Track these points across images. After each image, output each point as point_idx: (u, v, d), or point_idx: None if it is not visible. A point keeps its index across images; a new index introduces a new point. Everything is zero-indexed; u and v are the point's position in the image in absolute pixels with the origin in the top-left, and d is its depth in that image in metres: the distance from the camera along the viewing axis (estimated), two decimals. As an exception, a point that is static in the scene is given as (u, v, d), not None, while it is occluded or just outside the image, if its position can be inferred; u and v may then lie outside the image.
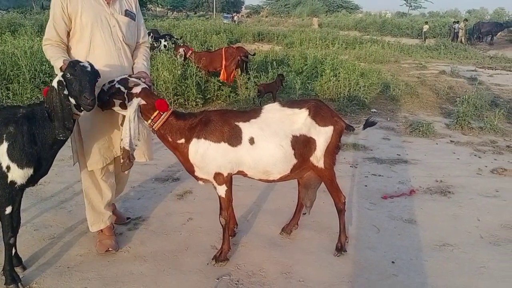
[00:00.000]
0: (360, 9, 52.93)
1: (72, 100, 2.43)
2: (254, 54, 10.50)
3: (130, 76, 2.71)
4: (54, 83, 2.43)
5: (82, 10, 2.75)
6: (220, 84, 8.03)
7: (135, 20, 2.98)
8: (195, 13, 47.60)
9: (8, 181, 2.44)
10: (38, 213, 3.56)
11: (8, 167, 2.41)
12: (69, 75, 2.39)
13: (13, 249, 2.64)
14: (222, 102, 7.90)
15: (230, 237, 2.99)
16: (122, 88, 2.60)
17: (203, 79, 7.90)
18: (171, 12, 46.86)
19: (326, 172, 2.91)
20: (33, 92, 6.73)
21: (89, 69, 2.44)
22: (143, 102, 2.63)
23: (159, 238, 3.26)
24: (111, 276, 2.77)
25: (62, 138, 2.50)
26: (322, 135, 2.82)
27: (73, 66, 2.40)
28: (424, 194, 4.23)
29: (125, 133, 2.60)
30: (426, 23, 26.47)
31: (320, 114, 2.82)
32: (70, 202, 3.82)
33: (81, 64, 2.43)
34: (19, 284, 2.61)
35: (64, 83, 2.40)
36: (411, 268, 2.97)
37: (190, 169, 2.82)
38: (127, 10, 2.92)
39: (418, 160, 5.25)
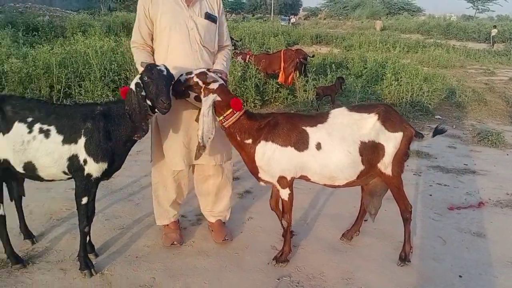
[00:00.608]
0: (423, 11, 50.99)
1: (148, 102, 2.53)
2: (313, 56, 10.46)
3: (208, 70, 2.71)
4: (132, 85, 2.53)
5: (161, 13, 2.83)
6: (278, 86, 8.08)
7: (216, 23, 2.96)
8: (253, 15, 48.08)
9: (85, 174, 2.60)
10: (109, 204, 3.77)
11: (85, 161, 2.57)
12: (146, 78, 2.48)
13: (87, 237, 2.81)
14: (280, 104, 7.94)
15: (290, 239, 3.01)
16: (200, 83, 2.62)
17: (262, 81, 7.98)
18: (229, 14, 47.67)
19: (393, 180, 2.84)
20: (103, 90, 7.09)
21: (165, 73, 2.51)
22: (218, 98, 2.64)
23: (221, 235, 3.33)
24: (176, 269, 2.87)
25: (136, 138, 2.62)
26: (391, 141, 2.75)
27: (150, 69, 2.49)
28: (494, 207, 4.01)
29: (200, 126, 2.62)
30: (495, 27, 25.09)
31: (389, 119, 2.76)
32: (138, 195, 4.00)
33: (158, 68, 2.51)
34: (92, 270, 2.76)
35: (142, 85, 2.50)
36: (479, 284, 2.83)
37: (254, 170, 2.85)
38: (207, 12, 2.90)
39: (487, 171, 4.99)
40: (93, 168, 2.58)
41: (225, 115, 2.70)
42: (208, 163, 3.05)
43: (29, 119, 2.57)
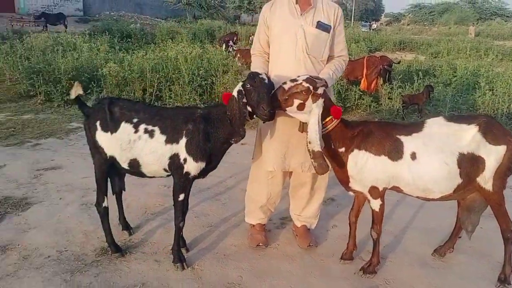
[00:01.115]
0: (518, 16, 47.10)
1: (249, 109, 2.60)
2: (399, 62, 10.11)
3: (311, 76, 2.62)
4: (235, 92, 2.62)
5: (276, 21, 2.91)
6: (361, 93, 7.91)
7: (328, 32, 2.89)
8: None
9: (184, 172, 2.74)
10: (197, 202, 3.94)
11: (185, 160, 2.72)
12: (248, 86, 2.56)
13: (181, 232, 2.95)
14: (362, 112, 7.76)
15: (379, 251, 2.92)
16: (311, 88, 2.53)
17: (344, 87, 7.87)
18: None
19: (494, 196, 2.65)
20: (190, 94, 7.44)
21: (267, 81, 2.58)
22: (323, 104, 2.61)
23: (305, 240, 3.33)
24: (262, 270, 2.93)
25: (233, 142, 2.72)
26: (493, 155, 2.57)
27: (252, 77, 2.57)
28: None
29: (313, 135, 2.55)
30: None
31: (491, 131, 2.58)
32: (224, 195, 4.15)
33: (260, 76, 2.58)
34: (184, 263, 2.90)
35: (243, 92, 2.58)
36: None
37: (344, 180, 2.80)
38: (319, 21, 2.86)
39: None
40: (192, 166, 2.72)
41: (323, 122, 2.64)
42: (308, 171, 3.06)
43: (135, 120, 2.78)
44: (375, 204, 2.74)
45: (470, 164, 2.59)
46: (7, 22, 18.78)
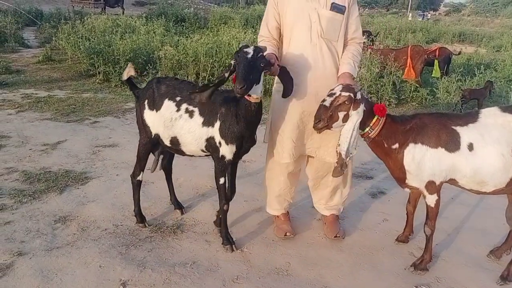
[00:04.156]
0: None
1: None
2: (459, 53, 9.66)
3: (344, 85, 2.56)
4: (227, 66, 2.56)
5: (288, 6, 2.81)
6: (417, 86, 7.65)
7: (343, 13, 2.80)
8: (388, 10, 46.04)
9: (220, 155, 2.76)
10: (247, 186, 3.98)
11: (220, 143, 2.74)
12: (234, 60, 2.47)
13: (226, 214, 2.96)
14: (417, 105, 7.51)
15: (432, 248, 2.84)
16: (352, 96, 2.48)
17: (400, 79, 7.63)
18: (363, 9, 46.34)
19: None
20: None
21: (249, 55, 2.39)
22: (364, 108, 2.55)
23: (355, 232, 3.31)
24: (310, 258, 2.93)
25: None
26: None
27: (238, 51, 2.45)
28: None
29: (344, 140, 2.53)
30: None
31: None
32: (273, 182, 4.16)
33: (244, 50, 2.42)
34: (233, 246, 2.97)
35: (232, 67, 2.48)
36: None
37: (400, 177, 2.72)
38: (334, 3, 2.77)
39: None
40: (225, 150, 2.73)
41: (371, 124, 2.59)
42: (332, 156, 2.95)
43: (178, 98, 2.84)
44: (431, 199, 2.66)
45: None
46: (69, 3, 19.61)
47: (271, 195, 3.25)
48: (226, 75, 2.52)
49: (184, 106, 2.82)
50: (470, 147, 2.52)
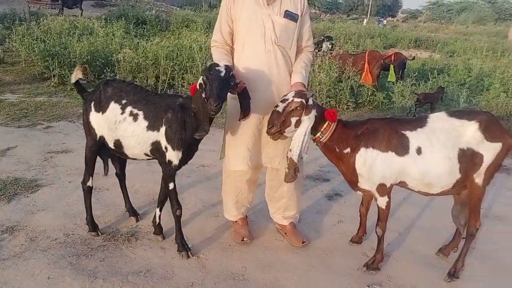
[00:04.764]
0: (539, 17, 46.06)
1: None
2: (413, 58, 10.02)
3: (296, 91, 2.62)
4: (198, 85, 2.55)
5: (241, 12, 2.79)
6: (374, 90, 7.87)
7: (296, 22, 2.84)
8: (348, 15, 47.11)
9: (167, 160, 2.75)
10: (205, 191, 3.96)
11: (166, 148, 2.73)
12: (204, 78, 2.45)
13: (180, 219, 2.92)
14: (374, 108, 7.73)
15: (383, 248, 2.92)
16: (304, 102, 2.53)
17: (357, 83, 7.83)
18: (324, 14, 47.19)
19: (478, 191, 2.69)
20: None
21: (222, 74, 2.43)
22: (315, 114, 2.61)
23: (310, 234, 3.35)
24: (266, 262, 2.95)
25: (197, 137, 2.65)
26: (490, 151, 2.61)
27: (209, 69, 2.45)
28: None
29: (295, 145, 2.57)
30: None
31: (490, 128, 2.61)
32: (231, 186, 4.15)
33: (217, 68, 2.44)
34: (189, 252, 2.93)
35: (204, 86, 2.48)
36: None
37: (352, 180, 2.79)
38: (287, 11, 2.80)
39: None
40: (172, 155, 2.72)
41: (322, 130, 2.65)
42: (279, 165, 2.98)
43: (124, 101, 2.81)
44: (382, 201, 2.74)
45: (469, 160, 2.62)
46: (25, 3, 18.90)
47: (228, 201, 3.24)
48: (204, 95, 2.50)
49: (128, 109, 2.78)
50: (419, 151, 2.61)
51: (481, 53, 15.70)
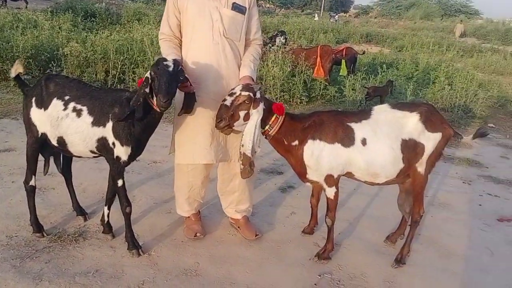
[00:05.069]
0: (480, 14, 48.65)
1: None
2: (363, 53, 10.31)
3: (244, 84, 2.62)
4: (144, 79, 2.49)
5: (188, 3, 2.75)
6: (326, 84, 8.02)
7: (244, 14, 2.84)
8: (302, 11, 47.68)
9: (115, 156, 2.68)
10: (157, 188, 3.89)
11: (113, 144, 2.66)
12: (152, 73, 2.41)
13: (129, 217, 2.85)
14: (327, 102, 7.88)
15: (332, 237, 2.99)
16: (252, 95, 2.55)
17: (310, 77, 7.94)
18: (279, 9, 47.49)
19: (421, 179, 2.83)
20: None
21: (171, 68, 2.38)
22: (263, 107, 2.62)
23: (264, 227, 3.37)
24: (219, 256, 2.94)
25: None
26: (431, 141, 2.74)
27: (157, 64, 2.40)
28: (548, 223, 3.83)
29: (247, 140, 2.57)
30: None
31: (430, 119, 2.75)
32: (184, 181, 4.11)
33: (165, 63, 2.39)
34: (140, 250, 2.87)
35: (150, 80, 2.44)
36: (529, 300, 2.73)
37: (301, 172, 2.84)
38: (235, 3, 2.79)
39: (542, 185, 4.75)
40: (120, 151, 2.66)
41: (270, 123, 2.68)
42: (236, 159, 2.95)
43: (66, 97, 2.71)
44: (330, 191, 2.81)
45: (411, 150, 2.74)
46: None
47: (180, 197, 3.20)
48: (147, 90, 2.44)
49: (72, 104, 2.68)
50: (364, 142, 2.69)
51: (428, 47, 16.38)
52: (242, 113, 2.57)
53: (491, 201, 4.23)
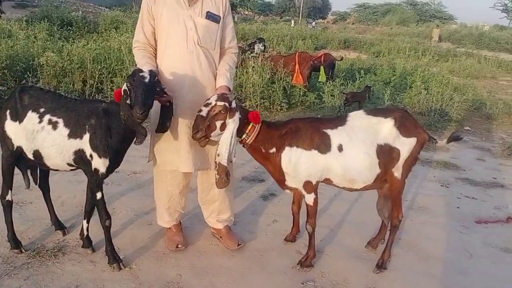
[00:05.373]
0: (454, 19, 49.93)
1: None
2: (341, 59, 10.44)
3: (219, 94, 2.63)
4: (122, 92, 2.49)
5: (162, 11, 2.75)
6: (306, 90, 8.09)
7: (218, 23, 2.86)
8: (281, 17, 48.07)
9: (93, 169, 2.65)
10: (137, 199, 3.85)
11: (91, 156, 2.63)
12: (128, 84, 2.41)
13: (109, 230, 2.81)
14: (306, 108, 7.94)
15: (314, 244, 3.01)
16: (227, 105, 2.56)
17: (289, 84, 8.00)
18: (258, 16, 47.77)
19: (398, 184, 2.87)
20: (133, 86, 7.23)
21: (147, 80, 2.38)
22: (239, 116, 2.63)
23: (246, 236, 3.37)
24: (202, 267, 2.92)
25: (137, 143, 2.55)
26: (406, 146, 2.79)
27: (132, 76, 2.40)
28: (524, 223, 3.93)
29: (223, 149, 2.57)
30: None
31: (405, 124, 2.80)
32: (165, 192, 4.07)
33: (140, 74, 2.40)
34: (121, 264, 2.83)
35: (128, 92, 2.44)
36: (507, 301, 2.79)
37: (280, 179, 2.86)
38: (209, 12, 2.80)
39: (517, 186, 4.88)
40: (98, 163, 2.63)
41: (247, 132, 2.70)
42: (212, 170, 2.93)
43: (42, 110, 2.68)
44: (309, 198, 2.83)
45: (387, 155, 2.78)
46: None
47: (161, 207, 3.17)
48: (128, 102, 2.42)
49: (47, 117, 2.65)
50: (340, 148, 2.73)
51: (404, 53, 16.70)
52: (218, 123, 2.57)
53: (468, 203, 4.32)
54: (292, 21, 34.27)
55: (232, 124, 2.57)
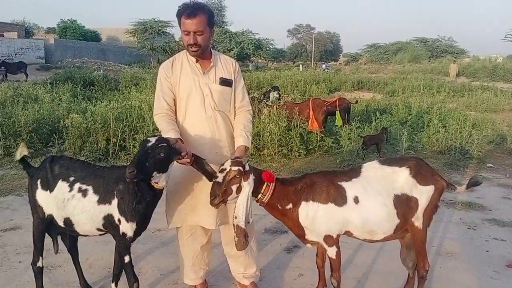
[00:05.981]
0: (466, 53, 50.27)
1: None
2: (356, 102, 10.57)
3: (233, 159, 2.69)
4: None
5: (180, 80, 2.91)
6: (322, 136, 8.17)
7: (231, 86, 3.01)
8: (294, 62, 49.19)
9: (121, 233, 2.73)
10: (163, 257, 3.89)
11: (119, 220, 2.72)
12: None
13: None
14: (325, 153, 7.98)
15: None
16: (242, 169, 2.61)
17: (306, 130, 8.12)
18: (271, 63, 48.98)
19: (420, 233, 2.84)
20: (155, 142, 7.44)
21: (149, 144, 2.50)
22: (253, 177, 2.68)
23: (272, 292, 3.35)
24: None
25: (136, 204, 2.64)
26: (424, 195, 2.79)
27: (144, 140, 2.58)
28: (558, 265, 3.80)
29: (240, 211, 2.61)
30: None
31: (421, 173, 2.81)
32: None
33: (148, 139, 2.55)
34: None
35: None
36: None
37: (300, 233, 2.87)
38: (222, 77, 2.95)
39: (547, 225, 4.74)
40: (126, 227, 2.72)
41: (262, 191, 2.74)
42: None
43: (71, 178, 2.80)
44: (331, 251, 2.82)
45: (405, 205, 2.78)
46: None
47: (185, 265, 3.20)
48: None
49: (77, 185, 2.77)
50: (356, 200, 2.75)
51: (418, 90, 16.80)
52: (234, 187, 2.63)
53: (497, 246, 4.21)
54: (300, 66, 35.07)
55: (247, 186, 2.63)
